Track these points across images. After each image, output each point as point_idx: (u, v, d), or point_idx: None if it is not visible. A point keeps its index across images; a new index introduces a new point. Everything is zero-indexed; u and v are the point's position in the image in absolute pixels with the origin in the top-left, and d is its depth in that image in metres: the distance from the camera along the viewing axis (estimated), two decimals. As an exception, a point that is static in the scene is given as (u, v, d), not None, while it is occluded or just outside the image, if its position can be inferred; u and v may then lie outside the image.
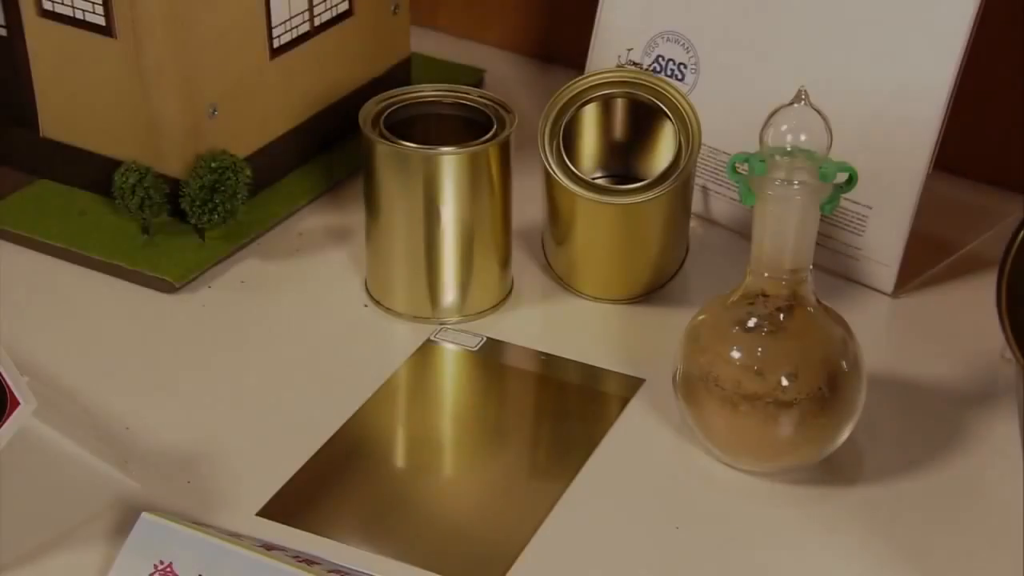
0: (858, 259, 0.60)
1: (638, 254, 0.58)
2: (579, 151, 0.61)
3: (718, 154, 0.62)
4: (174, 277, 0.58)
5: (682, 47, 0.63)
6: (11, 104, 0.61)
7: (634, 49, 0.64)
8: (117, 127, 0.59)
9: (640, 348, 0.57)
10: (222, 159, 0.58)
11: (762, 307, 0.50)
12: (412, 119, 0.58)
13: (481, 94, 0.59)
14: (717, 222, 0.64)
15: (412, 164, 0.56)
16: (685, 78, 0.63)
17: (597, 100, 0.58)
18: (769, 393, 0.49)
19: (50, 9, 0.58)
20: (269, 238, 0.62)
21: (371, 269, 0.59)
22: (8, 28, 0.59)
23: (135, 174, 0.58)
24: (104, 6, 0.57)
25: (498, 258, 0.59)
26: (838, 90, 0.58)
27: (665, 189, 0.56)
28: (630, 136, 0.61)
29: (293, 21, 0.62)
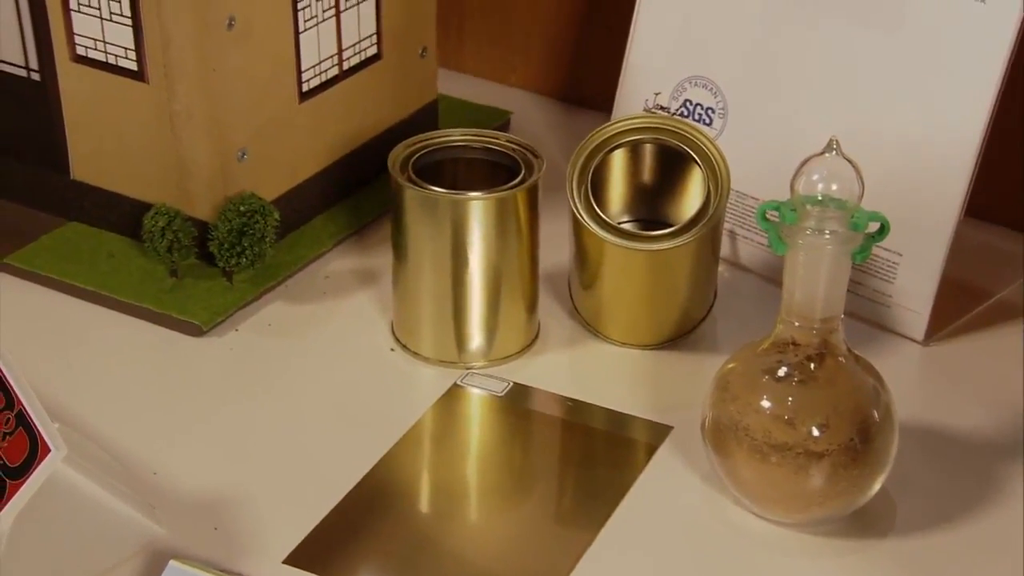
0: (888, 306, 0.60)
1: (666, 300, 0.59)
2: (607, 195, 0.62)
3: (746, 199, 0.63)
4: (202, 321, 0.58)
5: (710, 92, 0.63)
6: (42, 147, 0.61)
7: (662, 93, 0.64)
8: (147, 170, 0.60)
9: (668, 394, 0.57)
10: (251, 203, 0.59)
11: (792, 356, 0.50)
12: (440, 163, 0.59)
13: (509, 139, 0.59)
14: (745, 267, 0.64)
15: (440, 209, 0.56)
16: (713, 123, 0.63)
17: (625, 146, 0.59)
18: (800, 443, 0.49)
19: (83, 54, 0.59)
20: (296, 281, 0.63)
21: (398, 313, 0.60)
22: (41, 72, 0.60)
23: (164, 217, 0.59)
24: (137, 51, 0.58)
25: (525, 302, 0.59)
26: (868, 135, 0.58)
27: (694, 235, 0.56)
28: (658, 181, 0.62)
29: (322, 65, 0.63)
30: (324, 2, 0.62)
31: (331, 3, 0.62)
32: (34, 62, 0.60)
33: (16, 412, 0.45)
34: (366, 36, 0.65)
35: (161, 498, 0.51)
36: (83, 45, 0.59)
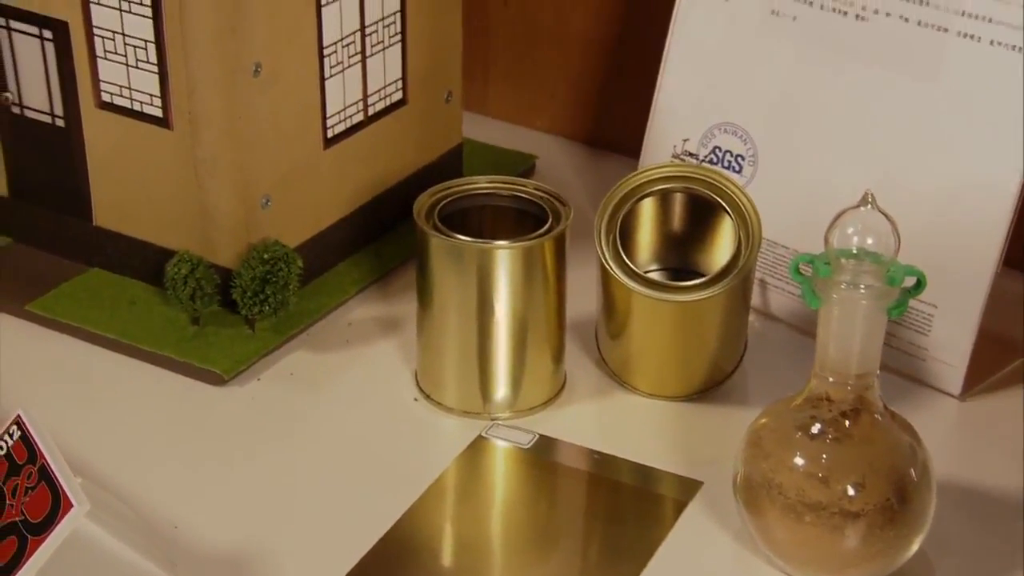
0: (923, 359, 0.59)
1: (695, 351, 0.58)
2: (635, 244, 0.61)
3: (776, 247, 0.62)
4: (223, 370, 0.58)
5: (740, 139, 0.63)
6: (65, 193, 0.62)
7: (690, 140, 0.64)
8: (170, 217, 0.60)
9: (698, 449, 0.56)
10: (274, 250, 0.59)
11: (826, 412, 0.49)
12: (466, 211, 0.59)
13: (536, 186, 0.60)
14: (776, 316, 0.63)
15: (466, 257, 0.56)
16: (743, 170, 0.63)
17: (655, 194, 0.59)
18: (835, 503, 0.49)
19: (108, 101, 0.59)
20: (319, 328, 0.63)
21: (422, 362, 0.60)
22: (66, 119, 0.60)
23: (187, 264, 0.59)
24: (162, 98, 0.58)
25: (551, 352, 0.59)
26: (903, 184, 0.58)
27: (724, 286, 0.56)
28: (688, 229, 0.62)
29: (347, 111, 0.63)
30: (350, 48, 0.62)
31: (357, 49, 0.62)
32: (59, 108, 0.60)
33: (39, 466, 0.45)
34: (392, 81, 0.65)
35: (182, 553, 0.50)
36: (108, 91, 0.59)
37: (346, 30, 0.61)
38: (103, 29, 0.58)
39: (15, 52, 0.60)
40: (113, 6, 0.57)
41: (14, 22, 0.59)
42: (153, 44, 0.57)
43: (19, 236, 0.64)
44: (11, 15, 0.59)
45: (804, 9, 0.60)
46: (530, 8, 0.75)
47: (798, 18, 0.60)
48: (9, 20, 0.59)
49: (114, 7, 0.57)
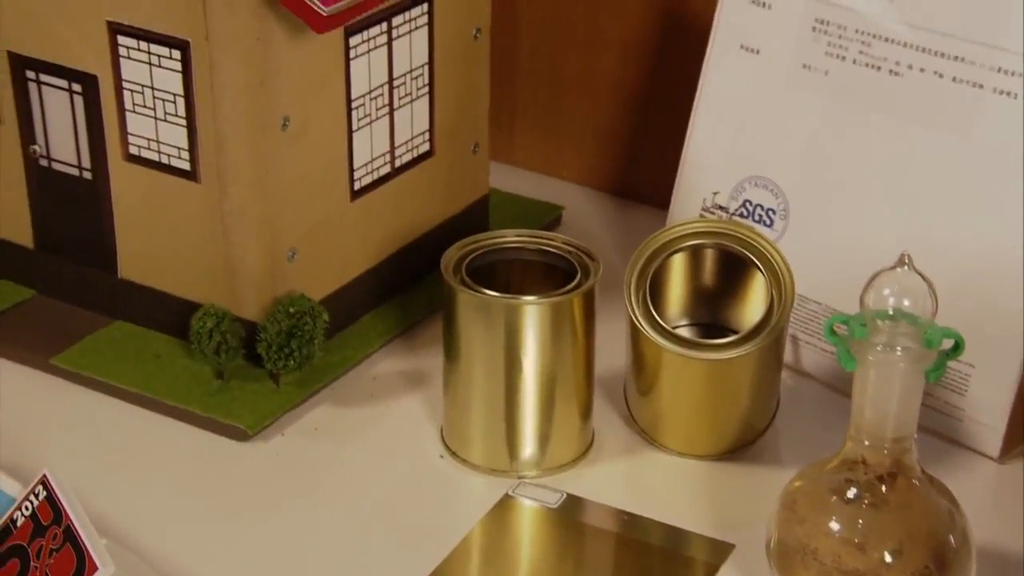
0: (961, 420, 0.59)
1: (727, 410, 0.58)
2: (665, 298, 0.61)
3: (808, 303, 0.62)
4: (248, 425, 0.59)
5: (771, 192, 0.63)
6: (91, 245, 0.62)
7: (720, 193, 0.64)
8: (195, 270, 0.61)
9: (729, 510, 0.56)
10: (300, 303, 0.60)
11: (862, 476, 0.49)
12: (494, 264, 0.59)
13: (565, 240, 0.60)
14: (808, 373, 0.63)
15: (494, 313, 0.56)
16: (774, 224, 0.63)
17: (685, 250, 0.59)
18: (872, 570, 0.48)
19: (136, 154, 0.60)
20: (343, 382, 0.63)
21: (448, 418, 0.60)
22: (93, 171, 0.61)
23: (212, 318, 0.59)
24: (190, 151, 0.59)
25: (580, 409, 0.59)
26: (936, 240, 0.58)
27: (756, 345, 0.56)
28: (718, 285, 0.61)
29: (375, 163, 0.64)
30: (378, 100, 0.63)
31: (385, 101, 0.63)
32: (86, 161, 0.61)
33: (64, 527, 0.45)
34: (419, 133, 0.66)
35: (204, 614, 0.50)
36: (136, 144, 0.60)
37: (374, 83, 0.62)
38: (132, 83, 0.58)
39: (44, 105, 0.60)
40: (143, 60, 0.58)
41: (44, 76, 0.60)
42: (182, 98, 0.58)
43: (43, 288, 0.64)
44: (41, 69, 0.60)
45: (836, 64, 0.60)
46: (557, 57, 0.75)
47: (830, 72, 0.61)
48: (39, 74, 0.60)
49: (144, 61, 0.58)
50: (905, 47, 0.58)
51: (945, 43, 0.57)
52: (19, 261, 0.64)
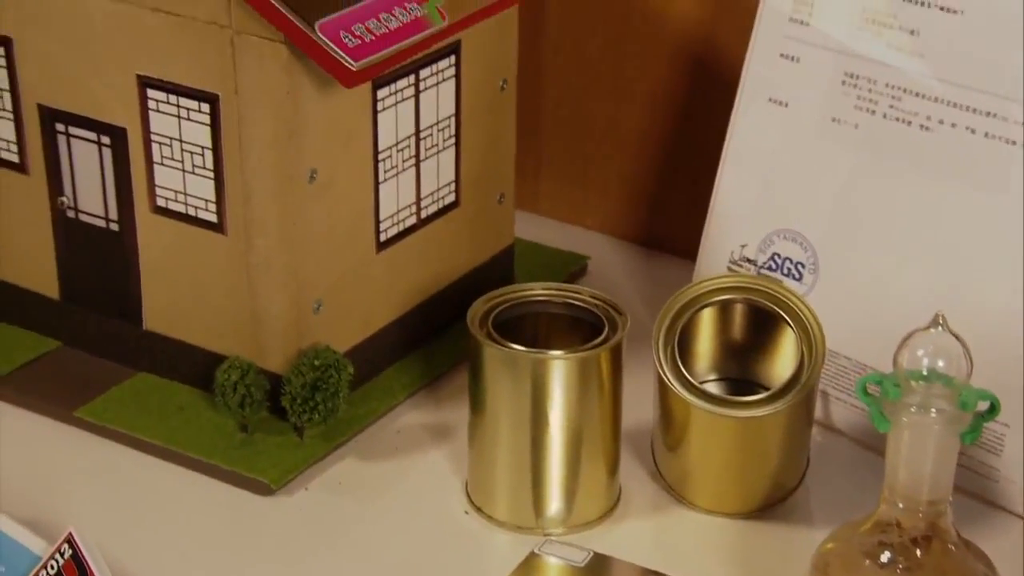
0: (996, 480, 0.58)
1: (756, 467, 0.58)
2: (694, 352, 0.61)
3: (838, 358, 0.62)
4: (271, 479, 0.59)
5: (800, 246, 0.63)
6: (116, 296, 0.63)
7: (748, 245, 0.65)
8: (220, 321, 0.61)
9: (759, 570, 0.55)
10: (325, 356, 0.60)
11: (896, 538, 0.49)
12: (521, 317, 0.59)
13: (592, 294, 0.60)
14: (839, 430, 0.63)
15: (521, 367, 0.56)
16: (803, 278, 0.63)
17: (714, 304, 0.59)
18: (907, 636, 0.48)
19: (163, 206, 0.61)
20: (368, 435, 0.63)
21: (472, 473, 0.60)
22: (120, 223, 0.62)
23: (237, 371, 0.59)
24: (217, 204, 0.59)
25: (606, 465, 0.59)
26: (968, 297, 0.57)
27: (787, 402, 0.56)
28: (748, 340, 0.61)
29: (400, 215, 0.64)
30: (405, 152, 0.63)
31: (412, 153, 0.64)
32: (113, 212, 0.61)
33: (88, 587, 0.45)
34: (445, 184, 0.66)
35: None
36: (164, 196, 0.60)
37: (401, 135, 0.63)
38: (161, 135, 0.59)
39: (72, 157, 0.61)
40: (172, 113, 0.58)
41: (73, 128, 0.61)
42: (210, 150, 0.58)
43: (68, 339, 0.65)
44: (70, 121, 0.61)
45: (866, 117, 0.61)
46: (583, 107, 0.76)
47: (860, 126, 0.61)
48: (68, 126, 0.61)
49: (173, 114, 0.58)
50: (936, 102, 0.59)
51: (978, 99, 0.57)
52: (44, 312, 0.65)
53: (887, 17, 0.59)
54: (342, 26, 0.55)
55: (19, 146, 0.62)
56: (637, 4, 0.73)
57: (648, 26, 0.73)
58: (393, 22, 0.57)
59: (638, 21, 0.73)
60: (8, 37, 0.60)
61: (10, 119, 0.62)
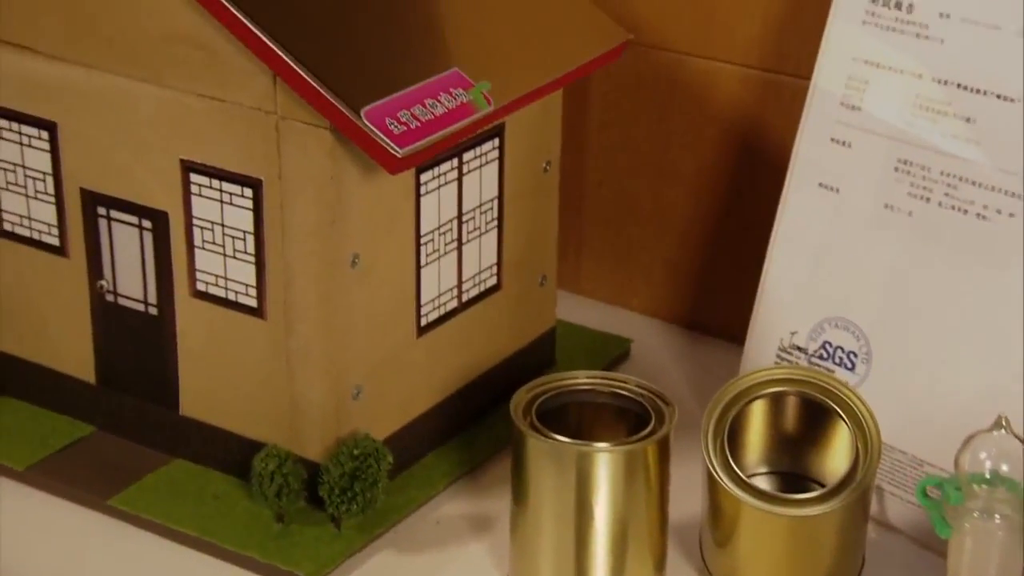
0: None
1: (809, 566, 0.57)
2: (743, 445, 0.61)
3: (893, 452, 0.61)
4: (308, 572, 0.58)
5: (852, 335, 0.63)
6: (153, 381, 0.63)
7: (798, 333, 0.64)
8: (258, 408, 0.61)
9: (813, 675, 0.55)
10: (364, 445, 0.60)
11: (959, 648, 0.48)
12: (565, 406, 0.59)
13: (638, 383, 0.59)
14: (895, 527, 0.62)
15: (565, 459, 0.56)
16: (855, 368, 0.62)
17: (765, 397, 0.58)
18: None
19: (203, 290, 0.61)
20: (406, 525, 0.62)
21: (515, 567, 0.59)
22: (159, 307, 0.62)
23: (275, 460, 0.59)
24: (258, 288, 0.59)
25: (653, 560, 0.58)
26: (1028, 391, 0.57)
27: (841, 501, 0.55)
28: (799, 432, 0.61)
29: (441, 298, 0.64)
30: (447, 235, 0.63)
31: (454, 236, 0.64)
32: (152, 296, 0.62)
33: None
34: (486, 267, 0.66)
35: None
36: (204, 281, 0.61)
37: (443, 218, 0.63)
38: (202, 220, 0.60)
39: (113, 241, 0.62)
40: (214, 198, 0.59)
41: (115, 212, 0.61)
42: (251, 235, 0.59)
43: (103, 424, 0.65)
44: (112, 205, 0.61)
45: (920, 205, 0.60)
46: (626, 187, 0.76)
47: (914, 214, 0.61)
48: (110, 210, 0.61)
49: (215, 199, 0.59)
50: (993, 191, 0.58)
51: (1036, 188, 0.57)
52: (80, 396, 0.65)
53: (942, 104, 0.59)
54: (388, 112, 0.56)
55: (60, 230, 0.63)
56: (682, 84, 0.73)
57: (694, 106, 0.73)
58: (439, 108, 0.58)
59: (683, 101, 0.73)
60: (53, 122, 0.61)
61: (52, 203, 0.63)
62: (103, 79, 0.59)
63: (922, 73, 0.60)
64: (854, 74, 0.62)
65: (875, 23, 0.61)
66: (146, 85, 0.59)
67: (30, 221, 0.64)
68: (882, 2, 0.61)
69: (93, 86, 0.60)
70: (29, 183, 0.63)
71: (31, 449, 0.64)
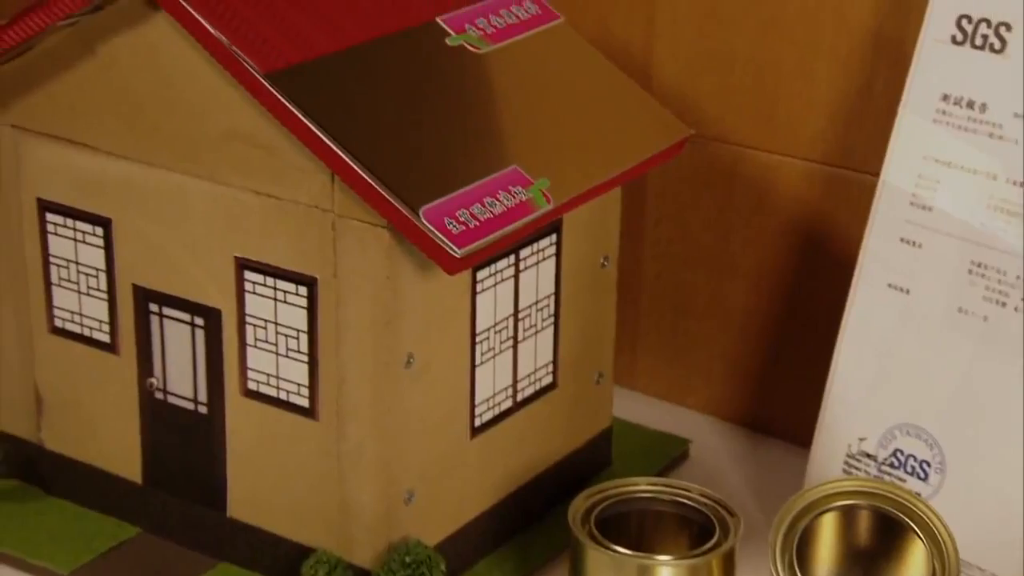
0: None
1: None
2: (812, 559, 0.59)
3: (971, 569, 0.59)
4: None
5: (924, 443, 0.61)
6: (201, 482, 0.63)
7: (868, 439, 0.63)
8: (307, 511, 0.60)
9: None
10: (416, 552, 0.59)
11: None
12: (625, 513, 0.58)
13: (702, 492, 0.59)
14: (971, 647, 0.60)
15: (626, 571, 0.55)
16: (928, 478, 0.61)
17: (835, 510, 0.57)
18: None
19: (254, 389, 0.61)
20: (457, 636, 0.61)
21: None
22: (209, 406, 0.62)
23: (324, 566, 0.58)
24: (310, 388, 0.59)
25: None
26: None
27: (919, 622, 0.54)
28: (872, 547, 0.59)
29: (496, 398, 0.64)
30: (503, 333, 0.63)
31: (510, 334, 0.63)
32: (203, 395, 0.62)
33: None
34: (542, 365, 0.66)
35: None
36: (255, 380, 0.60)
37: (499, 316, 0.63)
38: (256, 318, 0.60)
39: (164, 338, 0.62)
40: (268, 296, 0.59)
41: (167, 308, 0.61)
42: (305, 334, 0.59)
43: (148, 526, 0.65)
44: (164, 302, 0.61)
45: (996, 310, 0.59)
46: (684, 281, 0.76)
47: (990, 319, 0.60)
48: (162, 307, 0.62)
49: (269, 297, 0.59)
50: (1073, 297, 0.58)
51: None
52: (125, 497, 0.65)
53: (1017, 206, 0.59)
54: (447, 211, 0.56)
55: (111, 326, 0.63)
56: (743, 177, 0.73)
57: (755, 200, 0.73)
58: (497, 206, 0.57)
59: (744, 194, 0.73)
60: (108, 218, 0.62)
61: (104, 299, 0.63)
62: (160, 175, 0.60)
63: (996, 174, 0.59)
64: (925, 173, 0.61)
65: (947, 121, 0.61)
66: (202, 182, 0.59)
67: (81, 317, 0.64)
68: (954, 100, 0.61)
69: (149, 182, 0.60)
70: (82, 279, 0.63)
71: (75, 552, 0.63)
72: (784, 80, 0.70)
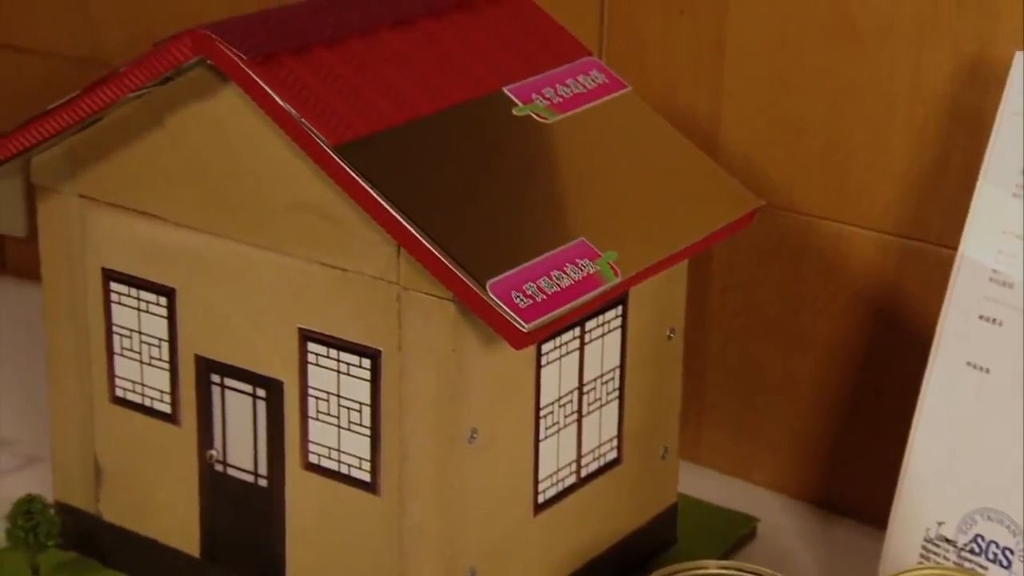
0: None
1: None
2: (887, 649, 0.59)
3: (1057, 657, 0.58)
4: None
5: (1007, 529, 0.60)
6: (259, 556, 0.63)
7: (946, 523, 0.62)
8: (367, 588, 0.61)
9: None
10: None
11: None
12: (693, 597, 0.58)
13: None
14: None
15: (695, 658, 0.54)
16: (1011, 566, 0.60)
17: (914, 598, 0.56)
18: None
19: (315, 462, 0.61)
20: None
21: None
22: (269, 479, 0.62)
23: (384, 647, 0.58)
24: (372, 463, 0.59)
25: None
26: None
27: None
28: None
29: (560, 474, 0.63)
30: (567, 407, 0.63)
31: (574, 408, 0.63)
32: (263, 468, 0.62)
33: None
34: (606, 440, 0.65)
35: None
36: (316, 453, 0.61)
37: (564, 389, 0.62)
38: (318, 390, 0.60)
39: (225, 409, 0.62)
40: (331, 368, 0.59)
41: (228, 380, 0.62)
42: (368, 407, 0.59)
43: (206, 600, 0.65)
44: (226, 373, 0.62)
45: (1082, 390, 0.58)
46: (751, 353, 0.75)
47: (1074, 399, 0.59)
48: (224, 378, 0.62)
49: (332, 369, 0.59)
50: None
51: None
52: (183, 570, 0.65)
53: (1103, 284, 0.58)
54: (514, 285, 0.56)
55: (172, 397, 0.64)
56: (813, 248, 0.72)
57: (825, 272, 0.72)
58: (565, 279, 0.57)
59: (814, 265, 0.72)
60: (172, 288, 0.63)
61: (166, 369, 0.64)
62: (225, 246, 0.61)
63: (1080, 250, 0.59)
64: (1004, 248, 0.61)
65: (1028, 196, 0.60)
66: (267, 252, 0.60)
67: (143, 387, 0.65)
68: (1035, 180, 0.60)
69: (215, 253, 0.61)
70: (144, 349, 0.64)
71: (130, 626, 0.64)
72: (856, 149, 0.70)
